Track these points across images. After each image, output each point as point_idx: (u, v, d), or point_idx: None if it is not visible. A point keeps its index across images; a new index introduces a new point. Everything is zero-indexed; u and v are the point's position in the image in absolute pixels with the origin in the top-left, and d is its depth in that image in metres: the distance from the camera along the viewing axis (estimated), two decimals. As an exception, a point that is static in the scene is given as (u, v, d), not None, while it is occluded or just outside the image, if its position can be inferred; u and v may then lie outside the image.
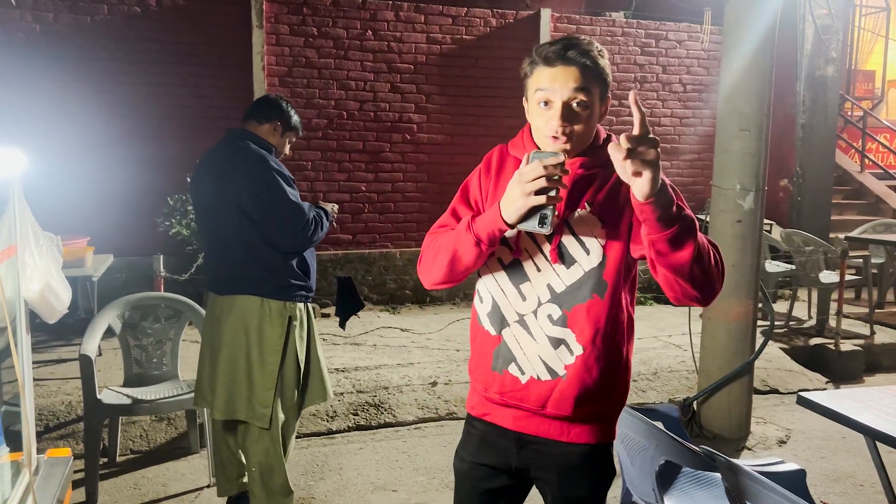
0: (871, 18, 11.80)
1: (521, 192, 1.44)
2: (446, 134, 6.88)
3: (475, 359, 1.74)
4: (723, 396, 4.10)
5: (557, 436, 1.65)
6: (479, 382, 1.73)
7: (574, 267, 1.60)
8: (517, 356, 1.65)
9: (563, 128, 1.55)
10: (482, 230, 1.56)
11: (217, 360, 2.90)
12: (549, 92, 1.55)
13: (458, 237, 1.61)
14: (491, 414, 1.72)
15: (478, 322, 1.72)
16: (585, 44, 1.57)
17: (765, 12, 3.82)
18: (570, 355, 1.61)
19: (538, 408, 1.64)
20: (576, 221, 1.60)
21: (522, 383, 1.65)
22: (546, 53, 1.57)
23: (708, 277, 1.48)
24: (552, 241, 1.60)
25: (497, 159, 1.72)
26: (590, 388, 1.61)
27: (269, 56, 6.33)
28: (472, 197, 1.73)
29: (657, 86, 7.48)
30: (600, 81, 1.58)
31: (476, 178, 1.73)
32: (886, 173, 9.73)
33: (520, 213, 1.46)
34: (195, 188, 3.02)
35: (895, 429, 2.40)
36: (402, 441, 4.09)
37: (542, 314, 1.62)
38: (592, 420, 1.66)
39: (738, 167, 3.94)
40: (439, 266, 1.66)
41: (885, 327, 6.07)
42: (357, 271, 6.67)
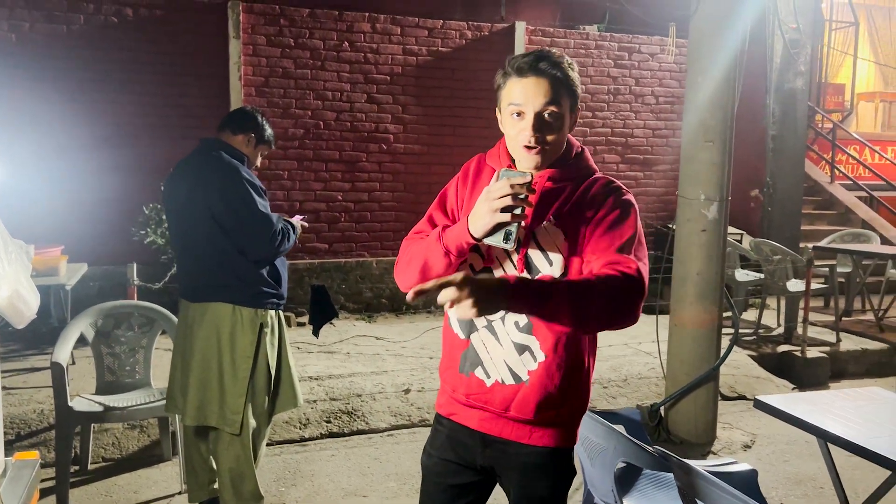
0: (841, 33, 12.05)
1: (488, 208, 1.49)
2: (422, 144, 6.95)
3: (445, 360, 1.80)
4: (689, 402, 4.19)
5: (519, 438, 1.71)
6: (447, 383, 1.80)
7: (538, 277, 1.65)
8: (483, 360, 1.71)
9: (535, 137, 1.61)
10: (451, 242, 1.61)
11: (189, 367, 2.93)
12: (522, 103, 1.61)
13: (429, 246, 1.67)
14: (458, 414, 1.78)
15: (449, 326, 1.78)
16: (556, 56, 1.64)
17: (729, 28, 3.93)
18: (534, 361, 1.67)
19: (502, 410, 1.70)
20: (541, 233, 1.65)
21: (487, 386, 1.71)
22: (518, 65, 1.63)
23: (601, 320, 1.53)
24: (519, 252, 1.66)
25: (474, 169, 1.78)
26: (551, 394, 1.67)
27: (246, 66, 6.37)
28: (449, 205, 1.79)
29: (630, 98, 7.61)
30: (570, 93, 1.65)
31: (454, 187, 1.79)
32: (856, 184, 9.93)
33: (485, 229, 1.52)
34: (168, 196, 3.06)
35: (845, 431, 2.50)
36: (374, 448, 4.13)
37: (510, 320, 1.68)
38: (553, 425, 1.71)
39: (703, 178, 4.04)
40: (412, 272, 1.71)
41: (851, 335, 6.21)
42: (333, 280, 6.71)
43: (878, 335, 6.17)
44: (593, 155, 7.33)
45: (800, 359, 5.54)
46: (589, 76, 7.41)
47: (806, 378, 5.45)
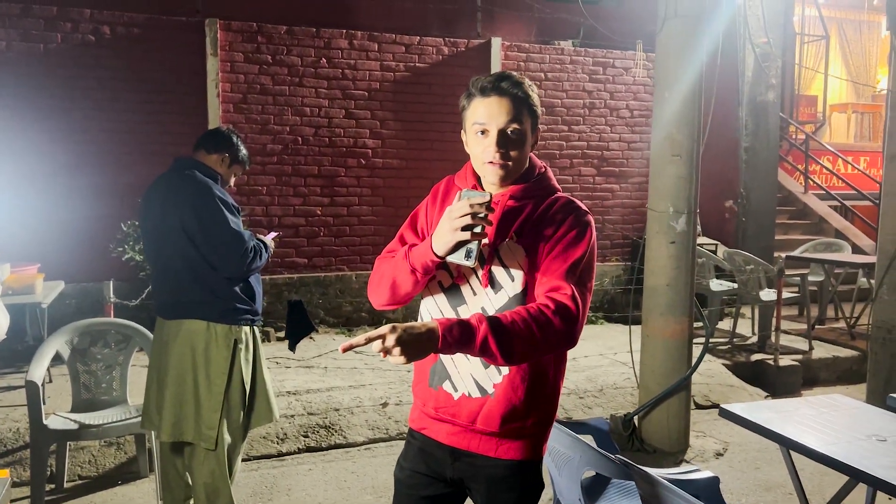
0: (813, 45, 12.28)
1: (449, 227, 1.57)
2: (401, 158, 7.02)
3: (416, 375, 1.86)
4: (662, 411, 4.26)
5: (486, 451, 1.76)
6: (418, 398, 1.85)
7: (501, 292, 1.71)
8: (451, 374, 1.76)
9: (499, 153, 1.69)
10: (416, 260, 1.68)
11: (164, 383, 2.96)
12: (486, 121, 1.69)
13: (397, 265, 1.73)
14: (428, 428, 1.83)
15: None
16: (517, 77, 1.72)
17: (694, 44, 4.04)
18: (499, 374, 1.72)
19: (469, 423, 1.75)
20: (503, 250, 1.72)
21: (455, 399, 1.76)
22: (482, 85, 1.71)
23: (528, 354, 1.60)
24: (484, 268, 1.72)
25: (443, 189, 1.85)
26: (516, 407, 1.72)
27: (223, 83, 6.42)
28: (420, 225, 1.85)
29: (605, 111, 7.72)
30: (531, 113, 1.73)
31: (424, 207, 1.86)
32: (829, 194, 10.11)
33: (447, 247, 1.60)
34: (144, 214, 3.10)
35: (805, 437, 2.57)
36: (351, 461, 4.16)
37: None
38: (520, 437, 1.75)
39: (671, 191, 4.13)
40: (383, 290, 1.78)
41: (823, 343, 6.32)
42: (313, 294, 6.74)
43: (850, 343, 6.29)
44: (570, 168, 7.41)
45: (772, 367, 5.63)
46: (564, 91, 7.52)
47: (779, 386, 5.54)
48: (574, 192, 7.54)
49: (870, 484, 2.27)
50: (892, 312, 4.80)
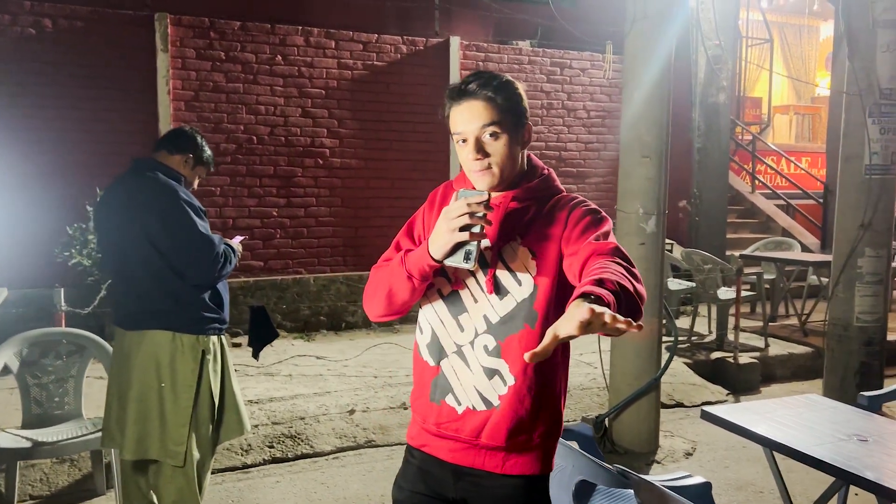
0: (756, 49, 12.61)
1: (447, 228, 1.49)
2: (359, 158, 6.89)
3: (416, 390, 1.77)
4: (632, 412, 4.26)
5: (492, 468, 1.67)
6: (418, 413, 1.76)
7: (507, 298, 1.63)
8: (454, 387, 1.68)
9: (479, 162, 1.61)
10: (413, 266, 1.60)
11: (127, 398, 2.80)
12: (462, 130, 1.61)
13: (392, 271, 1.65)
14: (429, 445, 1.74)
15: (418, 353, 1.75)
16: (487, 76, 1.62)
17: (662, 46, 4.04)
18: (504, 385, 1.64)
19: (473, 438, 1.66)
20: (508, 253, 1.64)
21: (459, 414, 1.67)
22: (451, 92, 1.64)
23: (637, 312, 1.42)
24: (487, 273, 1.64)
25: (441, 194, 1.77)
26: (522, 418, 1.64)
27: (174, 80, 6.19)
28: (416, 232, 1.77)
29: (563, 112, 7.74)
30: (508, 110, 1.61)
31: (421, 214, 1.78)
32: (774, 193, 10.38)
33: (445, 249, 1.51)
34: (100, 219, 2.93)
35: (789, 438, 2.57)
36: (320, 472, 4.03)
37: (479, 345, 1.66)
38: (527, 450, 1.68)
39: (641, 192, 4.13)
40: (379, 299, 1.70)
41: (777, 339, 6.45)
42: (269, 298, 6.55)
43: (803, 339, 6.43)
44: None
45: (732, 365, 5.72)
46: (523, 91, 7.50)
47: (739, 383, 5.62)
48: (533, 192, 7.53)
49: (861, 486, 2.27)
50: (848, 310, 4.92)
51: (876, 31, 4.58)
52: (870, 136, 4.65)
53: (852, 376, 4.89)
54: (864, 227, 4.72)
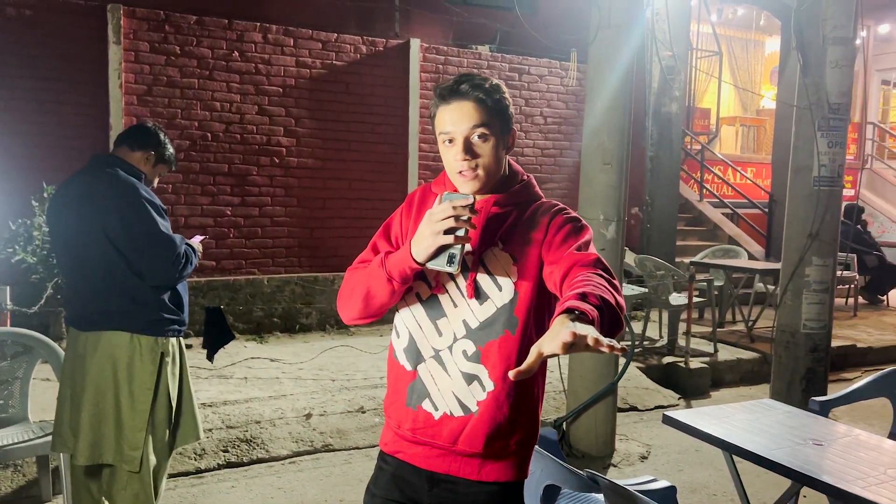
0: (705, 61, 12.92)
1: (431, 231, 1.47)
2: (317, 158, 6.81)
3: (390, 395, 1.74)
4: (590, 416, 4.31)
5: (468, 474, 1.65)
6: (392, 419, 1.73)
7: (487, 303, 1.62)
8: (431, 392, 1.66)
9: (466, 162, 1.60)
10: (394, 268, 1.58)
11: (81, 401, 2.70)
12: (450, 130, 1.60)
13: (371, 273, 1.63)
14: (403, 452, 1.71)
15: (394, 358, 1.73)
16: (478, 78, 1.62)
17: (624, 54, 4.10)
18: (483, 391, 1.63)
19: (449, 444, 1.64)
20: (489, 259, 1.64)
21: (436, 419, 1.65)
22: (441, 91, 1.62)
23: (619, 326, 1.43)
24: (468, 278, 1.63)
25: (419, 197, 1.75)
26: (501, 425, 1.63)
27: (127, 73, 6.01)
28: (394, 234, 1.75)
29: (520, 118, 7.79)
30: (498, 114, 1.62)
31: (399, 216, 1.76)
32: (721, 202, 10.65)
33: (428, 252, 1.50)
34: (55, 216, 2.82)
35: (747, 442, 2.63)
36: (276, 476, 3.96)
37: (458, 350, 1.64)
38: (503, 457, 1.66)
39: (602, 199, 4.18)
40: (355, 302, 1.67)
41: (726, 345, 6.62)
42: (222, 299, 6.42)
43: (750, 345, 6.61)
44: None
45: (683, 369, 5.83)
46: (481, 95, 7.53)
47: (690, 387, 5.74)
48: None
49: (818, 489, 2.34)
50: (796, 317, 5.06)
51: (826, 47, 4.73)
52: (819, 149, 4.80)
53: (799, 381, 5.04)
54: (812, 236, 4.88)
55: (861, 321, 8.05)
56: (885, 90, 15.15)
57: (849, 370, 6.52)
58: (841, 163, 4.91)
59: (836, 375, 5.99)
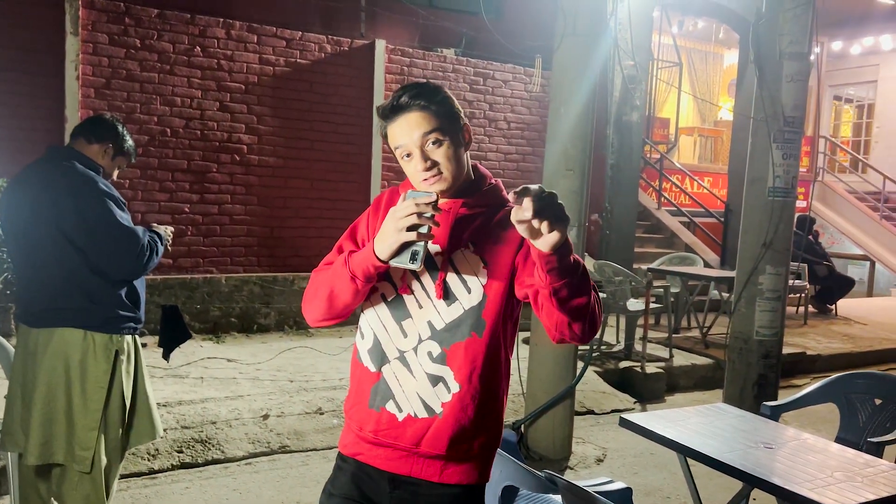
0: (665, 71, 13.16)
1: (394, 228, 1.47)
2: (279, 157, 6.75)
3: (353, 396, 1.73)
4: (548, 419, 4.34)
5: (430, 476, 1.65)
6: (353, 420, 1.71)
7: (454, 305, 1.63)
8: (395, 393, 1.65)
9: (427, 171, 1.61)
10: (357, 266, 1.57)
11: (32, 399, 2.63)
12: (404, 144, 1.61)
13: (335, 273, 1.63)
14: (364, 454, 1.70)
15: (358, 359, 1.72)
16: (413, 87, 1.63)
17: (589, 62, 4.16)
18: (448, 393, 1.63)
19: (412, 446, 1.64)
20: (458, 260, 1.64)
21: (399, 421, 1.64)
22: (383, 111, 1.63)
23: (595, 317, 1.53)
24: (437, 279, 1.63)
25: (387, 199, 1.75)
26: (465, 427, 1.63)
27: (84, 65, 5.88)
28: (360, 236, 1.74)
29: (484, 122, 7.84)
30: (445, 114, 1.62)
31: (366, 218, 1.76)
32: (679, 210, 10.85)
33: (391, 249, 1.49)
34: (7, 209, 2.75)
35: (702, 445, 2.69)
36: (231, 478, 3.91)
37: (423, 351, 1.64)
38: (466, 459, 1.67)
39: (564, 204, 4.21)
40: (319, 302, 1.67)
41: (681, 351, 6.73)
42: (178, 298, 6.31)
43: (704, 351, 6.74)
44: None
45: (639, 374, 5.92)
46: (446, 98, 7.55)
47: (646, 392, 5.83)
48: (452, 199, 7.59)
49: (768, 491, 2.40)
50: (749, 324, 5.18)
51: (782, 62, 4.86)
52: (774, 160, 4.93)
53: (751, 387, 5.15)
54: (766, 245, 5.00)
55: (811, 329, 8.27)
56: (836, 105, 15.63)
57: (798, 377, 6.70)
58: (795, 174, 5.05)
59: (786, 382, 6.15)
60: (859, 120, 15.38)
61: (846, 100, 15.59)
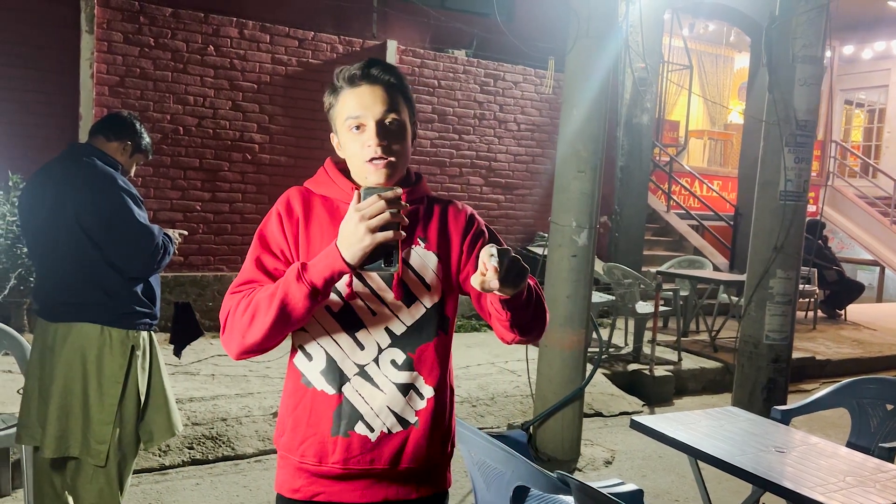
0: (676, 74, 13.15)
1: (366, 228, 1.31)
2: (290, 156, 6.78)
3: (303, 428, 1.52)
4: (557, 420, 4.35)
5: (407, 495, 1.56)
6: (308, 456, 1.52)
7: (415, 305, 1.53)
8: (364, 412, 1.50)
9: (381, 147, 1.47)
10: (317, 277, 1.37)
11: (49, 393, 2.66)
12: (361, 114, 1.49)
13: (285, 290, 1.40)
14: (325, 492, 1.53)
15: (304, 385, 1.55)
16: (384, 63, 1.54)
17: (601, 64, 4.16)
18: (422, 399, 1.54)
19: (390, 466, 1.52)
20: (413, 258, 1.54)
21: (373, 441, 1.50)
22: (350, 74, 1.51)
23: (543, 322, 1.54)
24: (392, 281, 1.51)
25: (301, 201, 1.56)
26: (442, 430, 1.58)
27: (99, 63, 5.93)
28: (276, 246, 1.54)
29: (494, 123, 7.85)
30: (407, 101, 1.55)
31: (276, 225, 1.55)
32: (688, 213, 10.83)
33: (365, 253, 1.33)
34: (28, 204, 2.77)
35: (713, 448, 2.69)
36: (241, 475, 3.93)
37: (385, 361, 1.52)
38: (440, 465, 1.62)
39: (575, 206, 4.23)
40: (259, 328, 1.42)
41: (690, 354, 6.73)
42: (189, 295, 6.35)
43: (713, 354, 6.73)
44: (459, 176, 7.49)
45: (648, 377, 5.92)
46: (456, 99, 7.57)
47: (654, 395, 5.83)
48: (463, 200, 7.60)
49: (779, 495, 2.40)
50: (759, 328, 5.17)
51: (795, 65, 4.85)
52: (786, 164, 4.92)
53: (760, 391, 5.14)
54: (777, 249, 4.99)
55: (820, 334, 8.25)
56: (847, 110, 15.57)
57: (807, 381, 6.69)
58: (806, 178, 5.04)
59: (794, 386, 6.13)
60: (870, 124, 15.32)
61: (857, 104, 15.53)
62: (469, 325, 7.19)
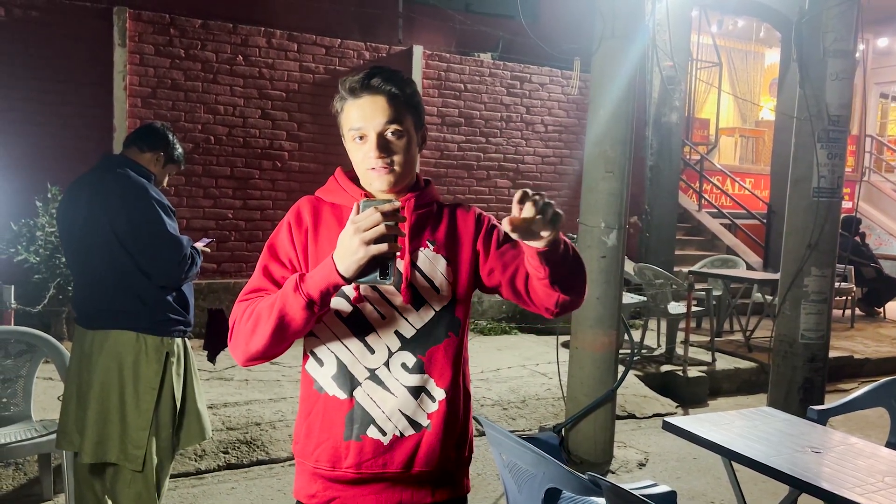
0: (705, 71, 13.01)
1: (360, 241, 1.29)
2: (319, 163, 6.85)
3: (316, 434, 1.54)
4: (589, 422, 4.33)
5: (422, 499, 1.56)
6: (322, 461, 1.54)
7: (424, 308, 1.54)
8: (375, 416, 1.52)
9: (381, 159, 1.50)
10: (313, 289, 1.38)
11: (87, 399, 2.72)
12: (361, 126, 1.50)
13: (283, 300, 1.41)
14: (340, 497, 1.54)
15: (317, 390, 1.55)
16: (389, 71, 1.54)
17: (627, 64, 4.14)
18: (433, 402, 1.54)
19: (403, 470, 1.53)
20: (421, 261, 1.55)
21: (385, 445, 1.52)
22: (350, 85, 1.52)
23: (583, 278, 1.53)
24: (402, 283, 1.52)
25: (310, 210, 1.58)
26: (456, 433, 1.58)
27: (131, 76, 6.05)
28: (285, 255, 1.56)
29: (521, 125, 7.84)
30: (412, 110, 1.54)
31: (286, 234, 1.57)
32: (720, 212, 10.70)
33: (359, 266, 1.32)
34: (65, 215, 2.85)
35: (747, 449, 2.66)
36: (276, 479, 3.98)
37: (395, 364, 1.53)
38: (456, 469, 1.62)
39: (604, 206, 4.21)
40: (261, 336, 1.44)
41: (723, 354, 6.64)
42: (222, 301, 6.44)
43: (748, 354, 6.64)
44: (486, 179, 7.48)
45: (681, 378, 5.86)
46: (483, 102, 7.58)
47: (688, 396, 5.76)
48: (490, 202, 7.61)
49: (817, 496, 2.36)
50: (794, 327, 5.09)
51: (826, 60, 4.77)
52: (818, 160, 4.84)
53: (796, 391, 5.06)
54: (811, 247, 4.91)
55: (858, 333, 8.08)
56: (883, 103, 15.24)
57: (845, 381, 6.56)
58: (840, 174, 4.95)
59: (832, 386, 6.01)
60: (906, 118, 14.99)
61: (893, 98, 15.20)
62: (499, 328, 7.19)
